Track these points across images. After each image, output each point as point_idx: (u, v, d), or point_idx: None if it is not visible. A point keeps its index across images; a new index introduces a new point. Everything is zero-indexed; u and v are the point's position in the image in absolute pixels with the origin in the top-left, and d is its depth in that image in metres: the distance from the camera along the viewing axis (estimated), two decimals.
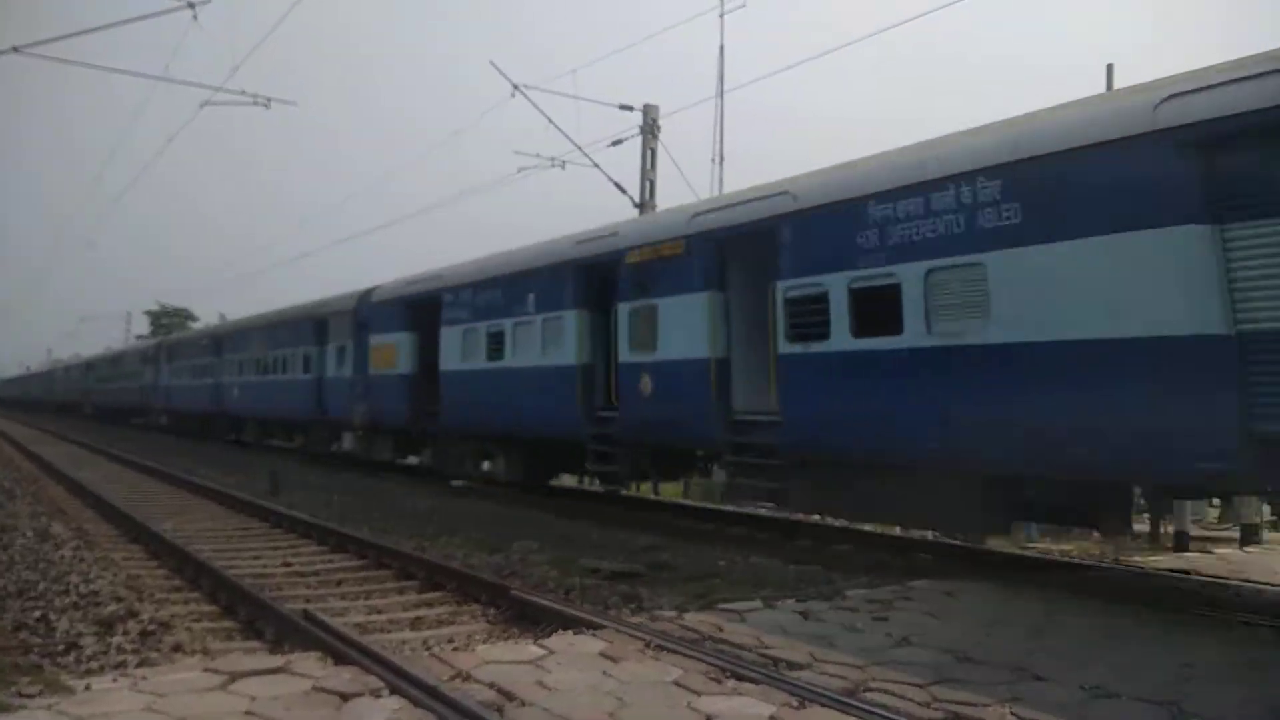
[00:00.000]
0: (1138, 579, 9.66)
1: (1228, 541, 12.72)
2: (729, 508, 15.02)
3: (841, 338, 9.98)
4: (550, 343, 15.09)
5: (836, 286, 10.00)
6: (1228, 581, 9.57)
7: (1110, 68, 17.42)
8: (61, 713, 4.79)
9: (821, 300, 10.20)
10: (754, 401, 11.70)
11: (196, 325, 67.75)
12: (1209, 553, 11.80)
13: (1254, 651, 6.41)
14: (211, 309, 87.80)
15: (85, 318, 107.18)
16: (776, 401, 11.07)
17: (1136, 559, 11.29)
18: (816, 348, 10.29)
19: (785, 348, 10.75)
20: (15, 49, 16.10)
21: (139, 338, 70.72)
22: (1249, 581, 9.58)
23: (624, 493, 17.65)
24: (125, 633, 7.08)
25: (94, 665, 6.30)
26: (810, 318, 10.35)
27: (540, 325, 15.32)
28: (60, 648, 6.69)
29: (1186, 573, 10.08)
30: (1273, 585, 9.43)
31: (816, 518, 13.87)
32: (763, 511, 14.53)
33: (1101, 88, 14.59)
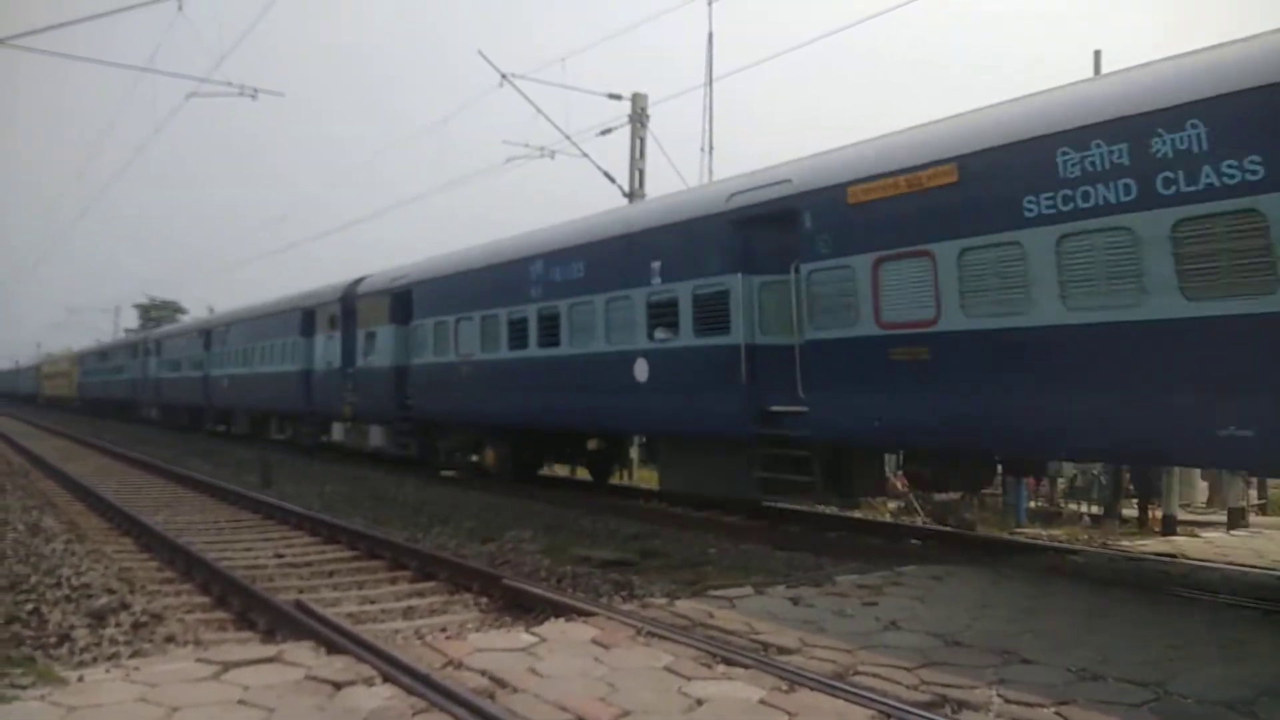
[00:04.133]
0: (1125, 562, 9.75)
1: (1215, 525, 12.84)
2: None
3: None
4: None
5: None
6: (1214, 564, 9.67)
7: (1098, 54, 17.49)
8: (55, 703, 4.80)
9: None
10: None
11: (184, 317, 67.58)
12: (1196, 536, 11.92)
13: (1238, 632, 6.48)
14: (200, 301, 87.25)
15: (74, 310, 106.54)
16: None
17: (1124, 543, 11.38)
18: None
19: None
20: (0, 41, 16.02)
21: (128, 331, 70.39)
22: (1234, 564, 9.69)
23: (612, 481, 17.67)
24: (118, 624, 7.10)
25: (87, 657, 6.31)
26: None
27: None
28: (53, 640, 6.69)
29: (1173, 556, 10.18)
30: (1257, 568, 9.54)
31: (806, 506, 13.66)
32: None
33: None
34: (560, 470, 19.99)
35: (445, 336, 17.71)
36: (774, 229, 10.84)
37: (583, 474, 18.72)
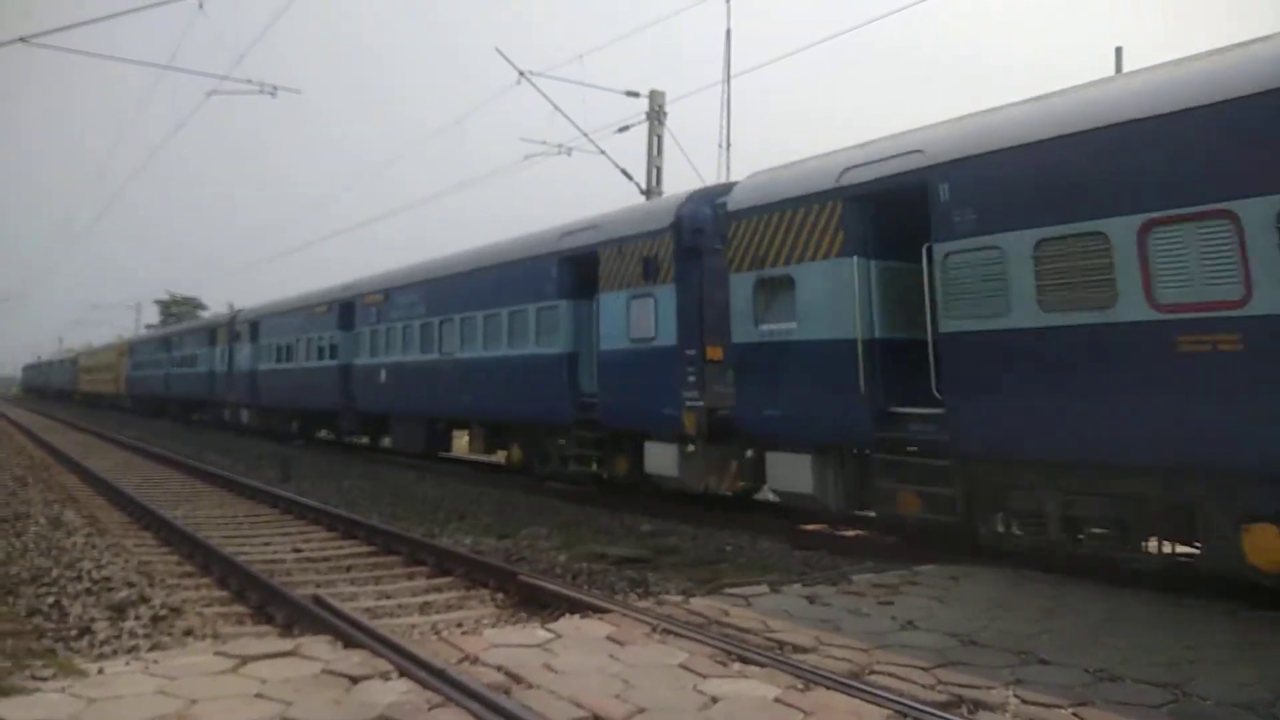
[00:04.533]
0: (1144, 563, 9.64)
1: None
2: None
3: None
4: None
5: None
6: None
7: (1119, 51, 17.35)
8: (75, 695, 4.85)
9: None
10: None
11: (205, 313, 67.82)
12: None
13: (1257, 634, 6.42)
14: (220, 297, 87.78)
15: (96, 306, 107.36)
16: None
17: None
18: None
19: None
20: (22, 39, 16.16)
21: (148, 327, 70.90)
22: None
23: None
24: (137, 617, 7.17)
25: (106, 649, 6.38)
26: None
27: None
28: (73, 632, 6.77)
29: (1193, 556, 10.07)
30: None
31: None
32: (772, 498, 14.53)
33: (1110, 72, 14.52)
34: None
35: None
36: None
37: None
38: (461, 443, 20.78)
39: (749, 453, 12.24)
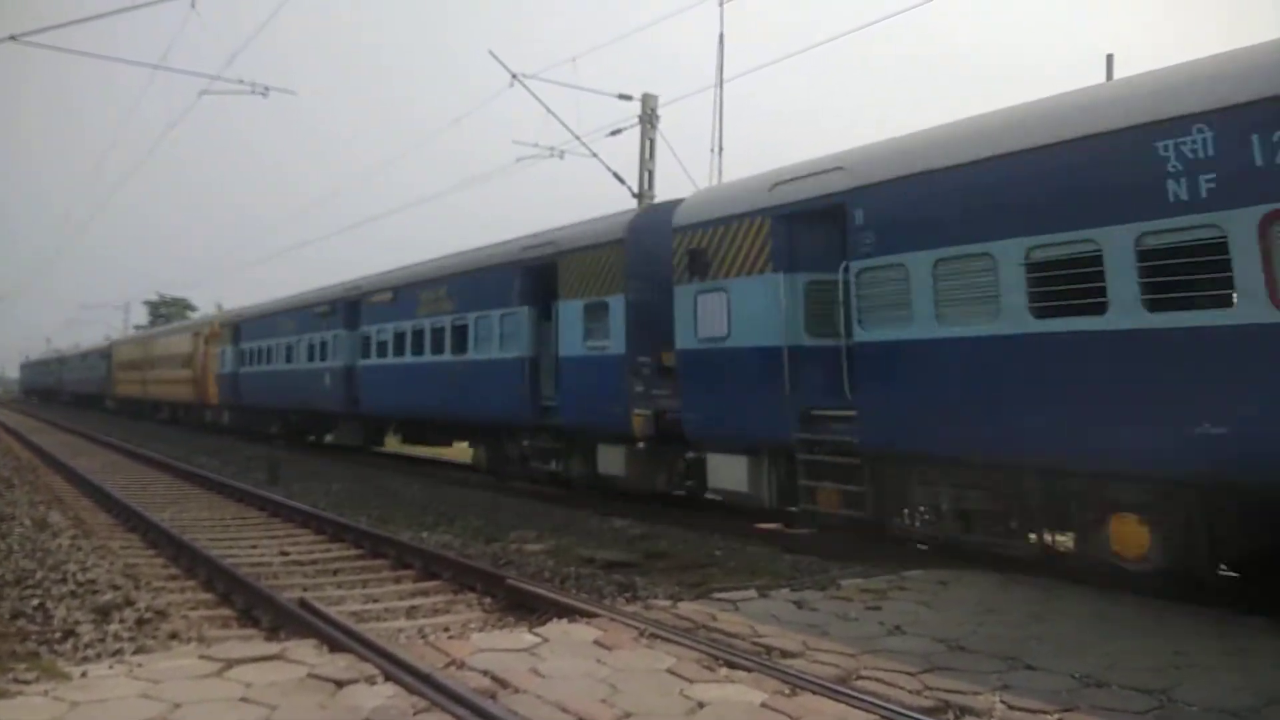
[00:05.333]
0: (1131, 568, 9.67)
1: None
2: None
3: None
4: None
5: None
6: (1221, 571, 9.59)
7: (1110, 58, 17.41)
8: (58, 699, 4.81)
9: None
10: None
11: (194, 314, 67.16)
12: None
13: (1244, 641, 6.43)
14: (210, 299, 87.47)
15: (85, 306, 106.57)
16: None
17: None
18: None
19: None
20: (13, 38, 16.07)
21: (136, 328, 70.36)
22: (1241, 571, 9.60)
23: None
24: (122, 620, 7.13)
25: (91, 652, 6.34)
26: None
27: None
28: (57, 635, 6.72)
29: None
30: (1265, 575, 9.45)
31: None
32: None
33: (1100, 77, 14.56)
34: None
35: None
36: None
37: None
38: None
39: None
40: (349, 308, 23.20)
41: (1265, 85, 6.73)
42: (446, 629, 7.05)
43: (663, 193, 21.07)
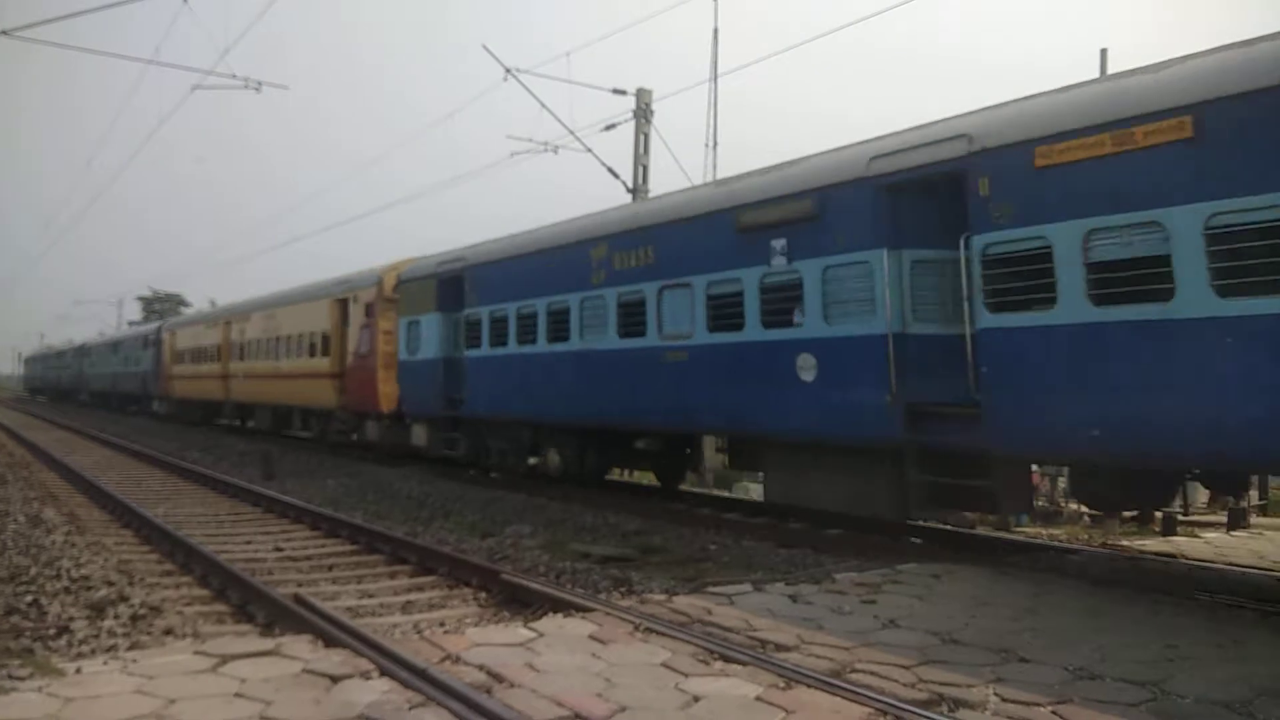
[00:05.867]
0: (1125, 562, 9.73)
1: (1215, 525, 12.82)
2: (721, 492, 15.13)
3: None
4: None
5: None
6: (1213, 565, 9.65)
7: (1104, 53, 17.45)
8: (53, 695, 4.80)
9: None
10: None
11: (189, 310, 66.88)
12: (1196, 537, 11.89)
13: (1237, 633, 6.47)
14: (202, 294, 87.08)
15: (79, 301, 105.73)
16: None
17: (1124, 542, 11.37)
18: None
19: None
20: (5, 33, 16.02)
21: (131, 323, 70.01)
22: (1234, 565, 9.67)
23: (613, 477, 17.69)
24: (116, 616, 7.11)
25: (85, 649, 6.32)
26: None
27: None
28: (51, 631, 6.71)
29: (1173, 556, 10.16)
30: (1257, 568, 9.52)
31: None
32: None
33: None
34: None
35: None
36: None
37: None
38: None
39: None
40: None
41: None
42: (442, 624, 7.06)
43: (657, 187, 21.09)
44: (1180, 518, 12.52)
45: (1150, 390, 7.34)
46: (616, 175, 21.65)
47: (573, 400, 14.18)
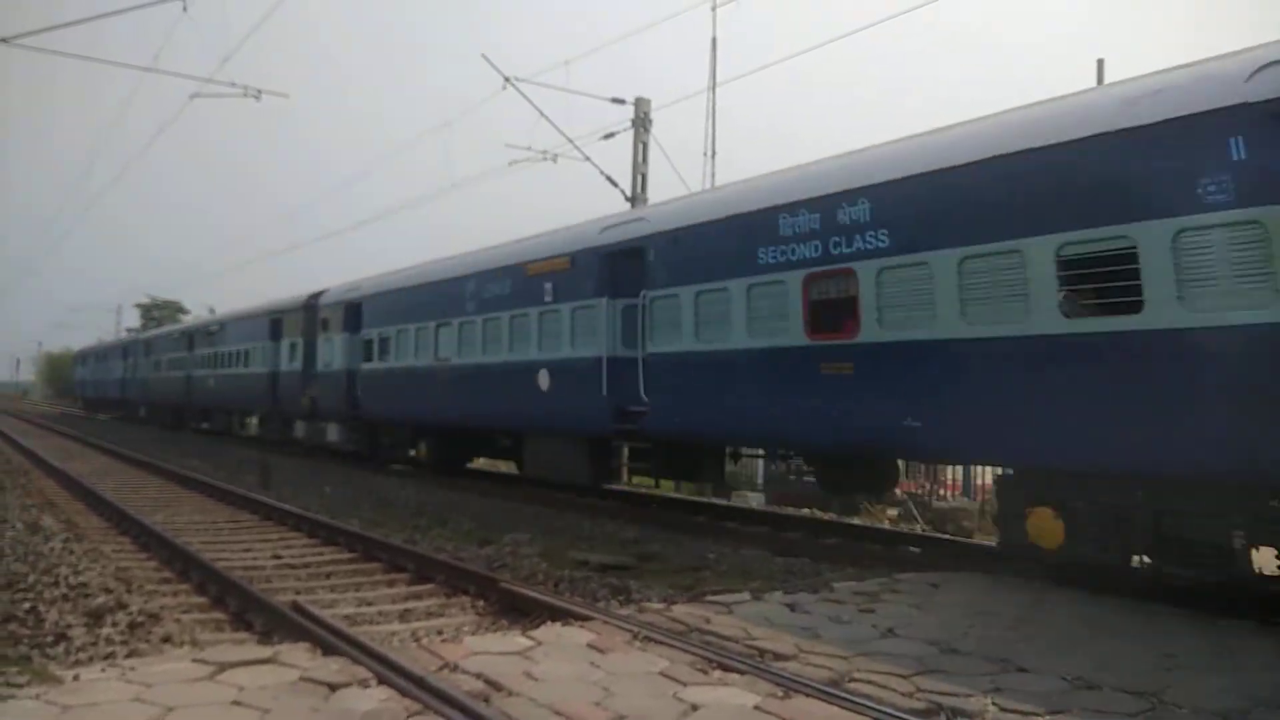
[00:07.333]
0: (1122, 571, 9.71)
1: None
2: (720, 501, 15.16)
3: None
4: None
5: None
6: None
7: (1100, 63, 17.50)
8: (50, 702, 4.80)
9: None
10: None
11: (186, 318, 66.62)
12: None
13: (1234, 643, 6.47)
14: (200, 302, 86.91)
15: (75, 309, 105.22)
16: None
17: None
18: None
19: None
20: (3, 40, 16.06)
21: (129, 330, 69.75)
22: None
23: (614, 486, 17.73)
24: (114, 624, 7.10)
25: (83, 656, 6.31)
26: None
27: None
28: (49, 639, 6.70)
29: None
30: (1254, 577, 9.50)
31: (806, 511, 14.05)
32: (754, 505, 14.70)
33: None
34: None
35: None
36: None
37: None
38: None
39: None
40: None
41: None
42: (440, 632, 7.06)
43: (655, 196, 21.14)
44: None
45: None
46: (615, 184, 21.70)
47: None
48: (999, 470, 9.75)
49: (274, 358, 26.96)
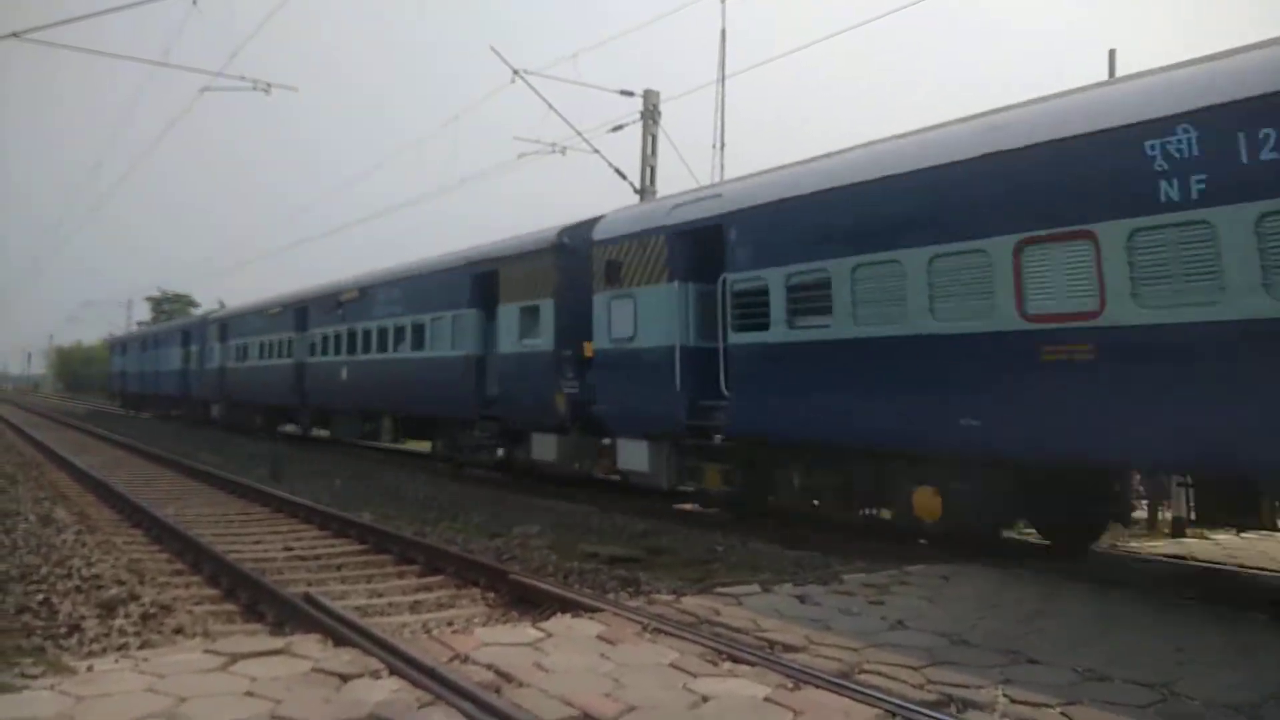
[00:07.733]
0: (1134, 564, 9.71)
1: (1225, 528, 12.73)
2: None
3: None
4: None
5: None
6: (1223, 567, 9.63)
7: (1112, 54, 17.38)
8: (64, 693, 4.83)
9: None
10: None
11: (198, 310, 66.72)
12: (1206, 538, 11.84)
13: (1246, 636, 6.45)
14: (211, 295, 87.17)
15: (87, 303, 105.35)
16: None
17: (1133, 545, 11.33)
18: None
19: None
20: (15, 34, 16.10)
21: (139, 324, 69.95)
22: (1244, 567, 9.65)
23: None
24: (127, 615, 7.13)
25: (96, 647, 6.35)
26: None
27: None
28: (63, 630, 6.74)
29: (1183, 558, 10.13)
30: (1267, 571, 9.49)
31: (816, 503, 13.98)
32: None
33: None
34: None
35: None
36: None
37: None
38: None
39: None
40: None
41: None
42: (450, 624, 7.07)
43: (664, 189, 21.11)
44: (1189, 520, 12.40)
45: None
46: (624, 176, 21.66)
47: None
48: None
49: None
